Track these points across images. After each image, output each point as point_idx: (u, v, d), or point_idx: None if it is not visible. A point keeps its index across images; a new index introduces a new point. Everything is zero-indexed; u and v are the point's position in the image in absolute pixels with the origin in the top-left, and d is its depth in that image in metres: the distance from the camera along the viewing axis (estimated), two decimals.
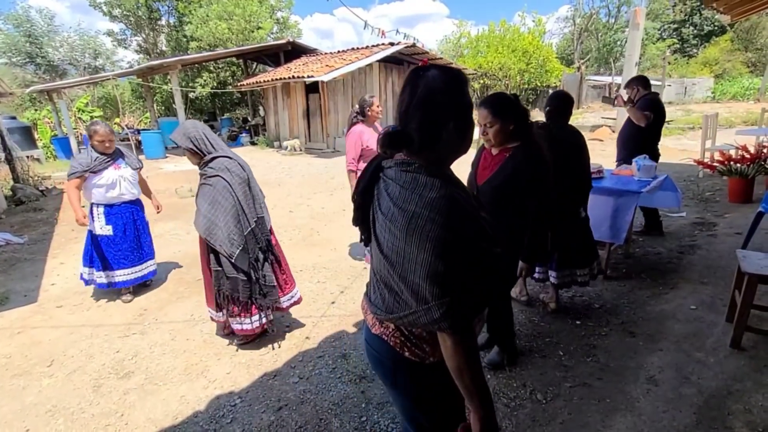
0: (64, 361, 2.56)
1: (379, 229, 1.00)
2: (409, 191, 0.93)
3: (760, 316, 2.46)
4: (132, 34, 21.04)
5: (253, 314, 2.44)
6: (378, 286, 1.05)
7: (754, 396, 1.90)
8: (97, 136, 3.00)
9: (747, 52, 25.31)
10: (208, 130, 2.39)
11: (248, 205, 2.35)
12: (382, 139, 1.00)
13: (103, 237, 3.17)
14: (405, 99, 0.98)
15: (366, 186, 1.06)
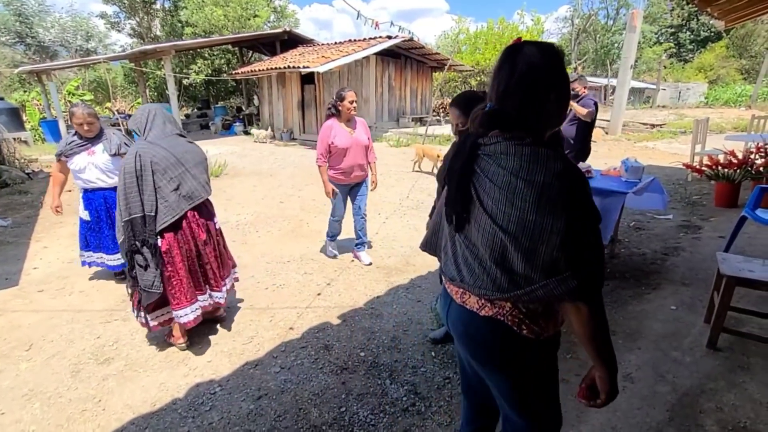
0: (44, 345, 2.53)
1: (491, 206, 0.99)
2: (533, 163, 0.94)
3: (737, 318, 2.51)
4: (126, 17, 20.67)
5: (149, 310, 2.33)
6: (482, 267, 1.05)
7: (726, 395, 1.94)
8: (74, 118, 2.92)
9: (741, 59, 25.60)
10: (155, 116, 2.27)
11: (130, 196, 2.13)
12: (480, 118, 1.04)
13: (83, 221, 3.18)
14: (504, 77, 1.00)
15: (466, 165, 1.05)
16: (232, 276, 2.71)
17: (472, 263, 1.07)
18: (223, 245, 2.61)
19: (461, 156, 1.06)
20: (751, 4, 4.40)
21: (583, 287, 0.93)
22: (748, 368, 2.12)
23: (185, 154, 2.30)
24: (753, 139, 5.73)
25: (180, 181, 2.23)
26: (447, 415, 1.92)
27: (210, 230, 2.44)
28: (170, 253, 2.23)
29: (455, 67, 15.43)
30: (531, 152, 0.96)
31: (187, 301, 2.31)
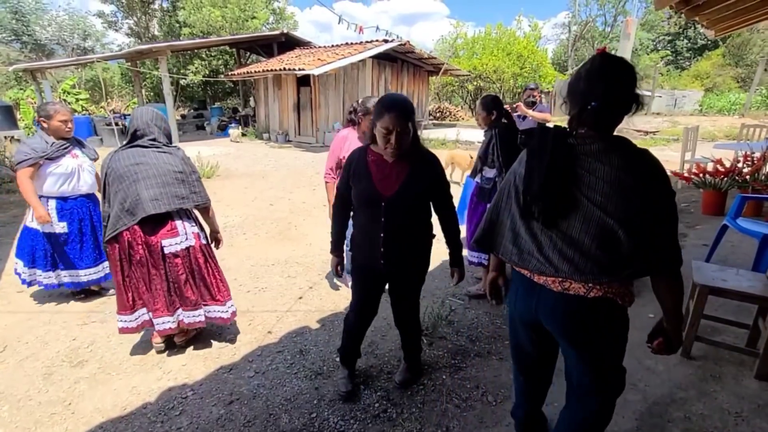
0: (18, 347, 2.51)
1: (600, 199, 1.14)
2: (637, 159, 1.14)
3: (713, 326, 2.51)
4: (123, 16, 20.63)
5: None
6: (584, 255, 1.18)
7: (696, 404, 1.94)
8: (58, 115, 2.64)
9: (738, 68, 25.77)
10: (141, 122, 2.21)
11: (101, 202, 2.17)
12: (589, 114, 1.16)
13: (54, 235, 2.79)
14: (613, 83, 1.15)
15: (561, 165, 1.19)
16: (198, 312, 2.36)
17: (570, 253, 1.20)
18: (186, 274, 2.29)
19: (551, 157, 1.19)
20: (736, 15, 4.44)
21: (678, 262, 1.16)
22: (719, 377, 2.12)
23: (136, 167, 2.15)
24: (741, 148, 5.77)
25: (124, 195, 2.12)
26: (418, 422, 1.91)
27: (153, 250, 2.19)
28: (111, 260, 2.21)
29: (451, 71, 15.48)
30: (632, 149, 1.16)
31: (120, 310, 2.28)
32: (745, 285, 2.13)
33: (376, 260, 1.82)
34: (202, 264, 2.34)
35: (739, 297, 2.12)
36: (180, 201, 2.23)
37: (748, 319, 2.43)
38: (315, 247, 4.18)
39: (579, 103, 1.19)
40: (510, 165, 1.98)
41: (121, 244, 2.16)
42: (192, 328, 2.41)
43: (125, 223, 2.13)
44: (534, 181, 1.22)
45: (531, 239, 1.28)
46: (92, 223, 2.95)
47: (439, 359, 2.37)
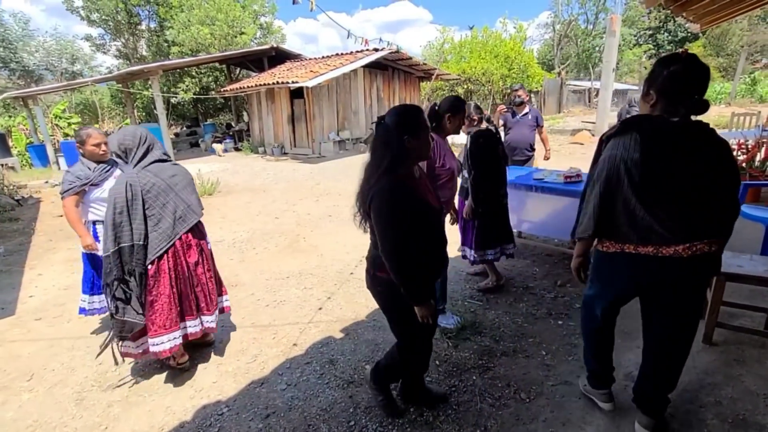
0: (45, 374, 2.51)
1: (705, 172, 1.44)
2: (719, 138, 1.47)
3: (730, 312, 2.57)
4: (111, 38, 20.66)
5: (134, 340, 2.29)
6: (702, 222, 1.46)
7: (725, 389, 1.99)
8: (91, 139, 2.63)
9: (718, 58, 26.35)
10: (144, 140, 2.22)
11: (118, 226, 2.09)
12: (697, 107, 1.45)
13: (94, 258, 2.73)
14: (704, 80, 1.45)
15: (682, 147, 1.47)
16: (221, 304, 2.60)
17: (693, 221, 1.46)
18: (214, 269, 2.56)
19: (672, 142, 1.44)
20: (723, 7, 4.58)
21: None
22: (743, 361, 2.18)
23: (173, 178, 2.27)
24: (734, 136, 5.91)
25: (174, 206, 2.23)
26: (455, 423, 1.94)
27: (203, 250, 2.42)
28: (157, 277, 2.19)
29: (442, 76, 15.67)
30: (712, 131, 1.48)
31: (165, 329, 2.22)
32: (761, 270, 2.20)
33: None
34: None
35: (756, 281, 2.18)
36: (201, 207, 2.45)
37: (761, 303, 2.49)
38: (327, 257, 4.20)
39: (681, 97, 1.45)
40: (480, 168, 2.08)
41: (170, 256, 2.23)
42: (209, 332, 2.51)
43: (179, 231, 2.24)
44: (657, 165, 1.44)
45: (651, 217, 1.47)
46: None
47: (467, 361, 2.40)
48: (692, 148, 1.43)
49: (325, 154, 11.72)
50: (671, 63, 1.46)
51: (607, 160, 1.52)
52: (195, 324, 2.37)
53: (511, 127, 4.66)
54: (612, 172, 1.50)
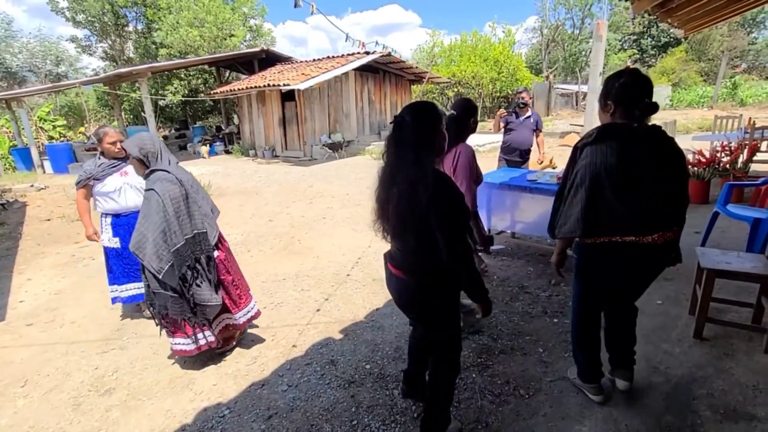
0: (39, 380, 2.46)
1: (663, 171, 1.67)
2: (671, 139, 1.71)
3: (718, 308, 2.66)
4: (97, 40, 20.35)
5: (190, 334, 2.36)
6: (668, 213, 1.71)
7: (716, 381, 2.06)
8: (108, 138, 2.83)
9: (700, 62, 27.05)
10: (163, 146, 2.37)
11: (180, 221, 2.22)
12: (643, 109, 1.65)
13: (111, 249, 2.95)
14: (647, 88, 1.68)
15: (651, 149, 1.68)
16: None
17: (661, 213, 1.68)
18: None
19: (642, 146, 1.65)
20: (706, 14, 4.74)
21: None
22: (732, 355, 2.25)
23: (192, 177, 2.47)
24: (718, 139, 6.09)
25: (208, 200, 2.51)
26: (457, 420, 1.96)
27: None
28: (228, 260, 2.52)
29: (433, 79, 15.80)
30: (665, 132, 1.72)
31: (247, 299, 2.62)
32: (748, 266, 2.28)
33: None
34: None
35: (743, 277, 2.26)
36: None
37: (748, 298, 2.58)
38: (323, 259, 4.21)
39: (635, 102, 1.65)
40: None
41: (224, 242, 2.52)
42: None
43: (217, 220, 2.50)
44: (631, 167, 1.63)
45: (629, 212, 1.67)
46: None
47: (466, 359, 2.43)
48: (655, 150, 1.66)
49: (316, 157, 11.71)
50: (621, 76, 1.69)
51: (588, 166, 1.67)
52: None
53: (513, 129, 4.71)
54: (594, 178, 1.66)
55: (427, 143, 1.52)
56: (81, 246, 5.05)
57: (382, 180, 1.58)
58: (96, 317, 3.22)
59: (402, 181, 1.49)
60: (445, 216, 1.46)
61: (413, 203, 1.46)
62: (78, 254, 4.76)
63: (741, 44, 25.42)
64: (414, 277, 1.60)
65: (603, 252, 1.77)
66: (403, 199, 1.48)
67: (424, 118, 1.54)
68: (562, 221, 1.79)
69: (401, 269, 1.63)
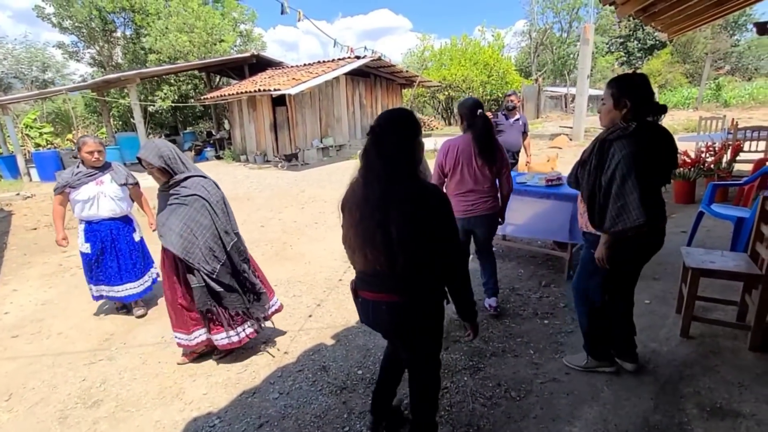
0: (24, 393, 2.42)
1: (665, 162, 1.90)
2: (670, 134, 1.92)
3: (705, 306, 2.70)
4: (85, 46, 20.10)
5: (239, 324, 2.50)
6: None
7: (702, 379, 2.09)
8: (86, 146, 2.96)
9: (685, 64, 27.59)
10: (178, 150, 2.39)
11: (228, 221, 2.44)
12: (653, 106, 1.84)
13: (83, 254, 3.11)
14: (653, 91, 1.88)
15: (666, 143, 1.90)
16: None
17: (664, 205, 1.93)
18: None
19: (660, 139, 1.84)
20: (688, 18, 4.84)
21: None
22: (719, 352, 2.29)
23: None
24: (703, 139, 6.21)
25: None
26: (449, 424, 1.97)
27: None
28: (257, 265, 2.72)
29: (424, 83, 15.89)
30: (666, 129, 1.88)
31: (272, 291, 2.81)
32: (732, 264, 2.32)
33: None
34: None
35: (728, 276, 2.30)
36: None
37: (733, 296, 2.63)
38: (315, 264, 4.19)
39: (650, 102, 1.82)
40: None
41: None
42: None
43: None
44: (655, 159, 1.79)
45: (660, 200, 1.89)
46: (114, 246, 3.13)
47: (458, 362, 2.44)
48: (668, 146, 1.83)
49: (308, 161, 11.69)
50: (635, 78, 1.84)
51: (630, 156, 1.75)
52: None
53: (503, 130, 4.75)
54: (639, 167, 1.75)
55: (415, 154, 1.45)
56: (68, 255, 4.97)
57: (369, 200, 1.42)
58: (83, 328, 3.17)
59: (405, 200, 1.38)
60: (448, 227, 1.44)
61: (418, 220, 1.37)
62: (65, 263, 4.69)
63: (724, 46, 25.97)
64: (409, 297, 1.49)
65: (630, 240, 1.86)
66: (405, 219, 1.37)
67: (405, 128, 1.45)
68: (614, 213, 1.79)
69: (392, 292, 1.49)
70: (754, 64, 29.79)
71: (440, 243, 1.44)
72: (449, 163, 2.68)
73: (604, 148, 1.83)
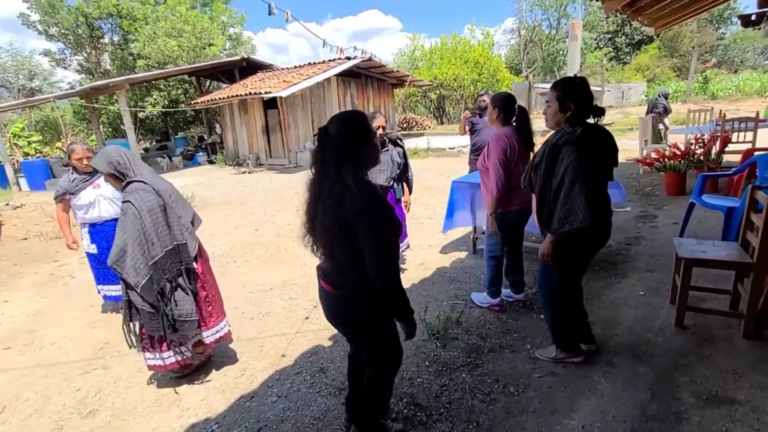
0: (18, 405, 2.38)
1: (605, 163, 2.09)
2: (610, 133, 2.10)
3: (698, 296, 2.73)
4: (72, 53, 19.91)
5: (164, 350, 2.27)
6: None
7: (698, 368, 2.11)
8: (74, 154, 3.04)
9: (673, 58, 27.89)
10: (132, 155, 2.28)
11: (159, 232, 2.16)
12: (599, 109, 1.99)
13: (90, 255, 3.26)
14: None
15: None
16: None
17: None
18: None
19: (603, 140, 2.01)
20: (673, 12, 4.90)
21: None
22: (713, 341, 2.31)
23: (172, 187, 2.39)
24: (692, 132, 6.28)
25: (187, 209, 2.42)
26: (448, 421, 1.97)
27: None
28: (204, 274, 2.43)
29: (415, 82, 15.92)
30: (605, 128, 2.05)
31: (221, 314, 2.53)
32: (723, 254, 2.35)
33: None
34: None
35: (719, 265, 2.33)
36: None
37: (725, 285, 2.66)
38: (310, 266, 4.16)
39: (590, 104, 1.93)
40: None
41: (203, 255, 2.43)
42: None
43: (195, 246, 2.37)
44: (600, 160, 1.94)
45: (606, 198, 2.03)
46: None
47: (456, 359, 2.44)
48: (607, 145, 2.00)
49: (301, 163, 11.65)
50: (577, 83, 1.96)
51: (578, 161, 1.85)
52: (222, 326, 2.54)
53: (480, 129, 4.78)
54: (586, 170, 1.85)
55: (352, 155, 1.45)
56: (60, 264, 4.91)
57: (311, 195, 1.53)
58: (77, 337, 3.13)
59: (327, 196, 1.44)
60: (371, 232, 1.40)
61: (340, 219, 1.41)
62: (57, 273, 4.63)
63: (710, 40, 26.28)
64: (346, 293, 1.56)
65: (584, 236, 1.96)
66: (329, 215, 1.43)
67: (347, 129, 1.47)
68: (562, 215, 1.90)
69: (332, 285, 1.58)
70: (739, 57, 30.19)
71: (364, 247, 1.42)
72: (512, 156, 2.61)
73: (554, 152, 1.93)
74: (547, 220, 2.01)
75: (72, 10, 17.52)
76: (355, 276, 1.50)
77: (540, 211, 2.05)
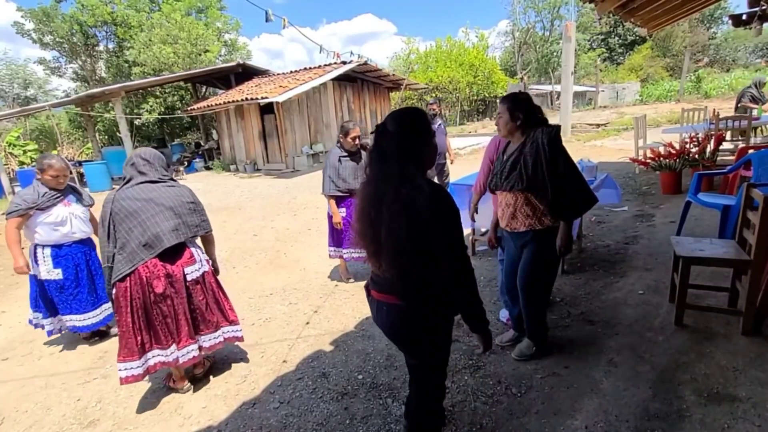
0: (18, 417, 2.36)
1: None
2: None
3: (697, 294, 2.74)
4: (67, 61, 19.90)
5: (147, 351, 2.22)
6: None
7: (698, 366, 2.12)
8: (51, 170, 2.75)
9: (665, 58, 28.16)
10: (136, 163, 2.24)
11: (106, 241, 2.15)
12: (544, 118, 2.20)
13: (51, 282, 2.84)
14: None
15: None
16: (218, 334, 2.43)
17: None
18: (206, 298, 2.39)
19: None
20: (666, 12, 4.95)
21: None
22: (712, 339, 2.32)
23: (150, 202, 2.18)
24: (686, 131, 6.32)
25: (142, 231, 2.13)
26: (451, 424, 1.97)
27: (175, 280, 2.21)
28: (119, 302, 2.14)
29: (411, 86, 15.98)
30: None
31: (126, 356, 2.16)
32: (721, 252, 2.36)
33: None
34: (215, 287, 2.48)
35: (717, 263, 2.35)
36: (195, 229, 2.37)
37: (723, 283, 2.67)
38: (310, 271, 4.17)
39: (536, 113, 2.16)
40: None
41: (134, 282, 2.12)
42: (212, 351, 2.47)
43: (143, 258, 2.13)
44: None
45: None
46: (89, 268, 2.99)
47: (458, 362, 2.44)
48: None
49: (298, 168, 11.66)
50: (521, 96, 2.20)
51: (566, 151, 2.09)
52: (164, 354, 2.22)
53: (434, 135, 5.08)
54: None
55: (415, 154, 1.36)
56: None
57: (368, 198, 1.40)
58: (76, 347, 3.11)
59: (394, 200, 1.32)
60: (452, 236, 1.33)
61: (412, 223, 1.31)
62: None
63: (702, 39, 26.56)
64: (408, 301, 1.42)
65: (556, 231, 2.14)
66: (397, 220, 1.31)
67: (409, 126, 1.38)
68: (581, 200, 2.10)
69: (397, 295, 1.44)
70: (731, 56, 30.52)
71: (440, 251, 1.34)
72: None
73: (551, 148, 2.03)
74: (563, 209, 2.09)
75: (66, 18, 17.52)
76: (422, 284, 1.39)
77: (554, 203, 2.05)
